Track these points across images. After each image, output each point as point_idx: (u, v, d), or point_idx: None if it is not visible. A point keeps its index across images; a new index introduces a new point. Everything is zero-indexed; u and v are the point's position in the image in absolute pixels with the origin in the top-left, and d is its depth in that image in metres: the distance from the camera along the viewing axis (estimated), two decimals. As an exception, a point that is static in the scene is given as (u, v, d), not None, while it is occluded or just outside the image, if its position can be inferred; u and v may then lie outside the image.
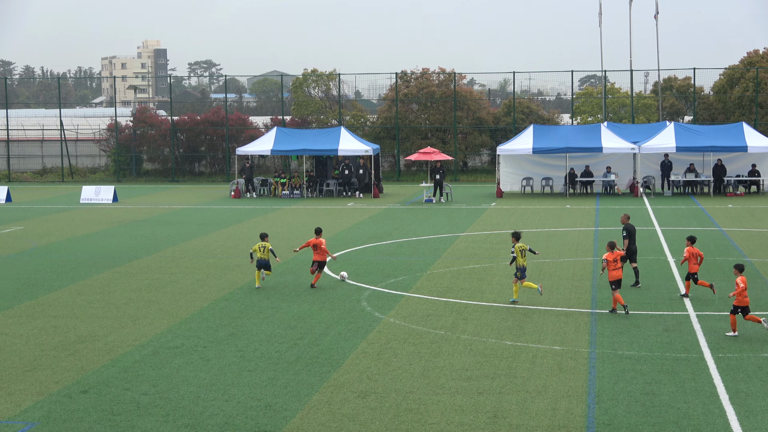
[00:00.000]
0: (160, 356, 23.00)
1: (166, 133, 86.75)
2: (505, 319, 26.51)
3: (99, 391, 20.20)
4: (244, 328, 25.90)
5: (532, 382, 20.50)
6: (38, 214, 56.94)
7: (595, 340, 24.13)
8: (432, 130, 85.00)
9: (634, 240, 31.11)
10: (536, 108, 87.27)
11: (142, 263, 37.26)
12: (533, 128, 67.23)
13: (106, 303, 29.48)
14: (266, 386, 20.40)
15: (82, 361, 22.66)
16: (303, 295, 30.30)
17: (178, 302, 29.47)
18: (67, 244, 43.23)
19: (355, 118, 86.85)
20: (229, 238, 44.37)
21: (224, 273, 34.70)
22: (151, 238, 44.50)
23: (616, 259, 27.21)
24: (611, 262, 27.09)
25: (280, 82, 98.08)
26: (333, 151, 66.65)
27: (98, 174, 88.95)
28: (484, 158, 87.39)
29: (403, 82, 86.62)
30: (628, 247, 30.70)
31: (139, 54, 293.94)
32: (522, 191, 67.48)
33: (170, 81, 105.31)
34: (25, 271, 35.68)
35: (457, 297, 29.66)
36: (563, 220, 50.33)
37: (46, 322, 26.82)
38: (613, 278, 27.09)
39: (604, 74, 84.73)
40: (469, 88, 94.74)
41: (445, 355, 22.81)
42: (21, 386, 20.59)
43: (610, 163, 66.94)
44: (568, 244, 41.07)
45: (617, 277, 27.04)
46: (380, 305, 28.59)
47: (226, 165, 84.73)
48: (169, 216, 54.72)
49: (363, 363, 22.14)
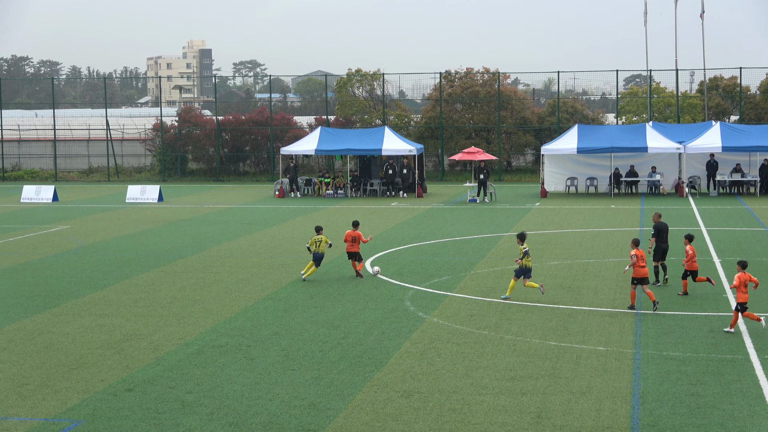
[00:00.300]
0: (204, 355, 23.11)
1: (211, 132, 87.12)
2: (549, 320, 26.43)
3: (144, 389, 20.33)
4: (288, 327, 25.97)
5: (577, 382, 20.43)
6: (84, 213, 57.34)
7: (640, 340, 24.01)
8: (476, 129, 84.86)
9: (665, 239, 31.22)
10: (581, 108, 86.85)
11: (187, 262, 37.45)
12: (578, 128, 66.94)
13: (152, 302, 29.66)
14: (310, 385, 20.45)
15: (128, 359, 22.81)
16: (347, 294, 30.34)
17: (223, 301, 29.60)
18: (113, 243, 43.52)
19: (399, 118, 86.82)
20: (274, 237, 44.51)
21: (268, 272, 34.80)
22: (196, 238, 44.71)
23: (643, 257, 27.35)
24: (640, 259, 27.21)
25: (325, 82, 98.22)
26: (377, 151, 66.65)
27: (144, 173, 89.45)
28: (528, 158, 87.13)
29: (447, 82, 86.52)
30: (657, 246, 30.89)
31: (184, 54, 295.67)
32: (566, 191, 67.25)
33: (215, 81, 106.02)
34: (72, 270, 35.96)
35: (500, 297, 29.56)
36: (608, 220, 50.09)
37: (92, 321, 27.02)
38: (639, 275, 27.24)
39: (649, 74, 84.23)
40: (513, 87, 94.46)
41: (489, 355, 22.78)
42: (67, 384, 20.75)
43: (655, 163, 66.56)
44: (612, 244, 40.87)
45: (644, 275, 27.23)
46: (424, 305, 28.58)
47: (271, 165, 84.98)
48: (214, 215, 54.95)
49: (406, 363, 22.15)
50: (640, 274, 27.29)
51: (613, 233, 44.51)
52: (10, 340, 24.88)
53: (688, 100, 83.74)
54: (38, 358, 22.96)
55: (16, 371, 21.83)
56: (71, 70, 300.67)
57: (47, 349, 23.91)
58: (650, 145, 63.65)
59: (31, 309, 28.73)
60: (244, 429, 17.89)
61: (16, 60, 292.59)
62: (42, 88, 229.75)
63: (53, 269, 36.27)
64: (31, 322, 27.01)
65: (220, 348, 23.75)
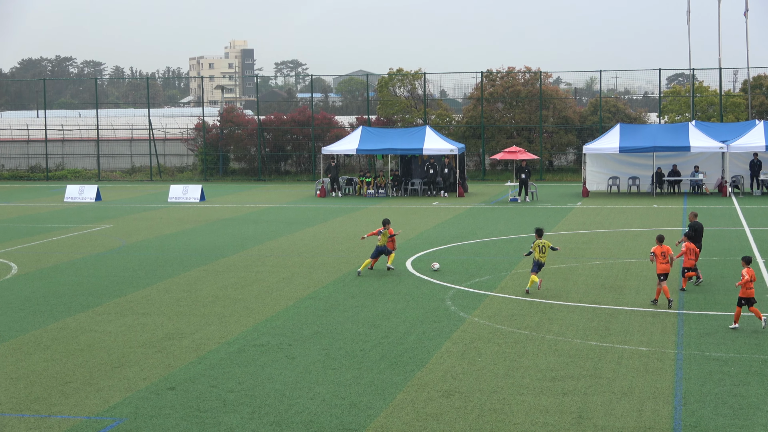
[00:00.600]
0: (245, 354, 23.18)
1: (252, 132, 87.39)
2: (591, 320, 26.32)
3: (186, 387, 20.42)
4: (328, 326, 26.02)
5: (618, 383, 20.34)
6: (127, 212, 57.69)
7: (682, 341, 23.87)
8: (517, 129, 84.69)
9: (699, 238, 31.39)
10: (623, 107, 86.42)
11: (229, 261, 37.59)
12: (620, 127, 66.60)
13: (193, 301, 29.79)
14: (351, 385, 20.47)
15: (170, 358, 22.92)
16: (387, 294, 30.36)
17: (264, 300, 29.69)
18: (155, 242, 43.75)
19: (440, 117, 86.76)
20: (315, 236, 44.60)
21: (309, 271, 34.87)
22: (238, 237, 44.87)
23: (664, 254, 27.87)
24: (659, 256, 27.80)
25: (366, 81, 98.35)
26: (418, 150, 66.62)
27: (186, 173, 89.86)
28: (570, 157, 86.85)
29: (488, 81, 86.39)
30: None
31: (226, 54, 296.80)
32: (608, 190, 66.99)
33: (257, 81, 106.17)
34: (114, 269, 36.18)
35: (542, 297, 29.50)
36: (650, 219, 49.83)
37: (134, 320, 27.18)
38: (661, 270, 27.78)
39: (692, 72, 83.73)
40: (555, 86, 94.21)
41: (530, 355, 22.72)
42: (109, 382, 20.88)
43: (698, 163, 66.15)
44: (654, 244, 40.52)
45: (665, 270, 27.74)
46: (465, 304, 28.55)
47: (312, 164, 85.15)
48: (256, 215, 55.13)
49: (447, 362, 22.13)
50: (662, 270, 27.78)
51: (655, 233, 44.10)
52: (54, 338, 25.08)
53: (731, 99, 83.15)
54: (81, 357, 23.12)
55: (59, 369, 21.99)
56: (114, 70, 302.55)
57: (90, 347, 24.07)
58: (693, 145, 63.25)
59: (74, 308, 28.93)
60: (284, 428, 17.94)
61: (60, 60, 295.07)
62: (85, 89, 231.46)
63: (96, 268, 36.51)
64: (74, 320, 27.20)
65: (261, 347, 23.82)
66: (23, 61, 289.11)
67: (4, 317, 27.69)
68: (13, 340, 24.95)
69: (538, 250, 29.92)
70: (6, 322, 26.98)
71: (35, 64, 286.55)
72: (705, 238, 38.38)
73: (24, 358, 23.10)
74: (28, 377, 21.36)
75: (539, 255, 29.90)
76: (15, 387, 20.61)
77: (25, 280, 33.89)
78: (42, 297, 30.65)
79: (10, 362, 22.69)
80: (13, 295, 31.00)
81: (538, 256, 29.90)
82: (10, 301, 30.11)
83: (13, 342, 24.71)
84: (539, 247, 29.98)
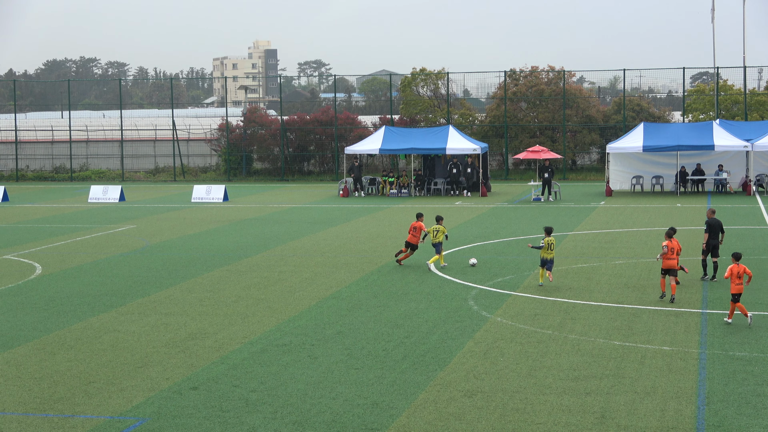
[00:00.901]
0: (268, 354, 23.22)
1: (276, 132, 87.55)
2: (614, 319, 26.26)
3: (208, 387, 20.47)
4: (351, 326, 26.03)
5: (641, 382, 20.28)
6: (151, 212, 57.86)
7: (706, 340, 23.78)
8: (541, 128, 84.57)
9: (716, 235, 31.46)
10: (647, 106, 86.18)
11: (252, 261, 37.66)
12: (644, 126, 66.42)
13: (216, 300, 29.86)
14: (373, 384, 20.48)
15: (193, 357, 22.98)
16: (410, 293, 30.35)
17: (287, 300, 29.73)
18: (179, 242, 43.87)
19: (463, 117, 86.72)
20: (338, 236, 44.63)
21: (332, 271, 34.91)
22: (261, 237, 44.95)
23: (673, 249, 28.23)
24: (669, 250, 28.18)
25: (389, 81, 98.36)
26: (441, 150, 66.62)
27: (209, 173, 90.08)
28: (594, 156, 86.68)
29: (512, 81, 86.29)
30: (707, 241, 31.35)
31: (249, 54, 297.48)
32: (632, 190, 66.83)
33: (280, 81, 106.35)
34: (138, 269, 36.30)
35: (564, 296, 29.45)
36: (674, 218, 49.66)
37: (157, 320, 27.26)
38: (666, 266, 28.08)
39: (716, 71, 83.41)
40: (578, 86, 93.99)
41: (553, 354, 22.67)
42: (133, 382, 20.95)
43: (722, 161, 65.92)
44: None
45: (671, 266, 27.97)
46: (487, 304, 28.52)
47: (335, 164, 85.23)
48: (279, 215, 55.21)
49: (470, 362, 22.11)
50: (667, 266, 28.02)
51: (679, 232, 44.01)
52: (78, 338, 25.18)
53: (756, 98, 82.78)
54: (104, 357, 23.21)
55: (82, 369, 22.08)
56: (138, 71, 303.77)
57: (113, 347, 24.16)
58: (717, 143, 63.00)
59: (97, 308, 29.04)
60: (307, 428, 17.96)
61: (84, 61, 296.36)
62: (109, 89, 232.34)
63: (120, 268, 36.63)
64: (97, 320, 27.31)
65: (283, 347, 23.86)
66: (48, 62, 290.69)
67: (29, 317, 27.82)
68: (37, 340, 25.06)
69: (548, 248, 30.65)
70: (30, 322, 27.11)
71: (60, 65, 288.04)
72: (729, 237, 38.24)
73: (48, 358, 23.21)
74: (52, 377, 21.46)
75: (548, 253, 30.63)
76: (39, 387, 20.71)
77: (49, 281, 34.04)
78: (66, 297, 30.78)
79: (34, 362, 22.79)
80: (37, 296, 31.15)
81: (546, 253, 30.63)
82: (34, 301, 30.24)
83: (37, 342, 24.82)
84: (548, 244, 30.67)
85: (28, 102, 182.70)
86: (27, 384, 20.92)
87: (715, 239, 31.34)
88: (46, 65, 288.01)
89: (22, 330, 26.21)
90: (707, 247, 31.39)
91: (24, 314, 28.26)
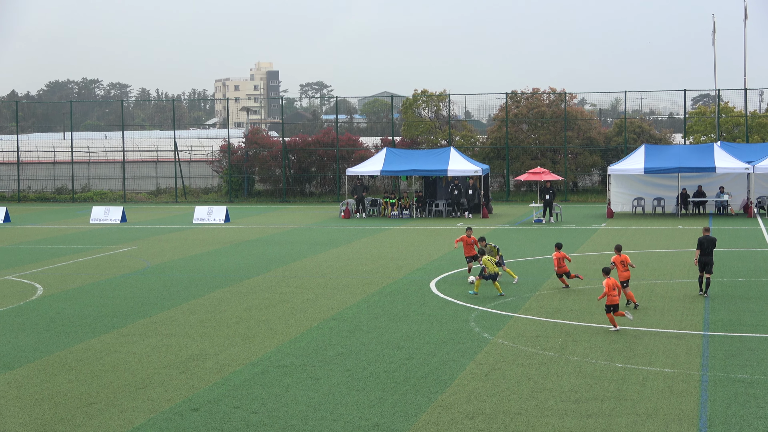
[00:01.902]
0: (269, 375, 23.20)
1: (277, 154, 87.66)
2: (615, 341, 26.24)
3: (209, 409, 20.45)
4: (352, 347, 26.01)
5: (643, 404, 20.25)
6: (152, 233, 57.89)
7: (707, 362, 23.75)
8: (542, 150, 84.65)
9: (708, 252, 32.58)
10: (648, 128, 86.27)
11: (253, 283, 37.66)
12: (645, 148, 66.50)
13: (218, 322, 29.85)
14: (374, 406, 20.45)
15: (194, 379, 22.96)
16: (411, 315, 30.34)
17: (288, 321, 29.71)
18: (180, 263, 43.88)
19: (464, 139, 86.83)
20: (339, 258, 44.64)
21: (334, 293, 34.90)
22: (262, 258, 44.96)
23: (623, 262, 30.42)
24: (618, 264, 30.29)
25: (391, 102, 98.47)
26: (442, 172, 66.70)
27: (211, 194, 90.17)
28: (595, 178, 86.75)
29: (513, 102, 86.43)
30: (699, 258, 32.56)
31: (251, 76, 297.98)
32: (633, 211, 66.84)
33: (282, 102, 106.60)
34: (139, 290, 36.30)
35: (566, 318, 29.44)
36: (675, 240, 49.68)
37: (158, 341, 27.25)
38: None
39: (717, 93, 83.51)
40: (579, 107, 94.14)
41: (554, 376, 22.65)
42: (134, 404, 20.93)
43: (724, 183, 65.99)
44: (679, 265, 40.52)
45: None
46: (489, 326, 28.51)
47: (336, 185, 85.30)
48: (280, 236, 55.23)
49: (471, 384, 22.09)
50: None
51: (680, 254, 44.12)
52: (78, 359, 25.16)
53: (757, 120, 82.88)
54: (105, 378, 23.19)
55: (83, 390, 22.06)
56: (140, 92, 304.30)
57: (114, 368, 24.14)
58: (718, 165, 63.06)
59: (98, 329, 29.03)
60: (308, 449, 17.93)
61: (86, 82, 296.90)
62: (111, 110, 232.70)
63: (121, 289, 36.64)
64: (98, 341, 27.30)
65: (284, 368, 23.84)
66: (50, 83, 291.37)
67: (30, 338, 27.81)
68: (38, 361, 25.06)
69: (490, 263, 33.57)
70: (31, 343, 27.10)
71: (62, 86, 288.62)
72: (730, 259, 38.18)
73: (49, 379, 23.19)
74: (53, 398, 21.44)
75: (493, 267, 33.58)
76: (40, 408, 20.69)
77: (50, 301, 34.04)
78: (67, 318, 30.78)
79: (35, 383, 22.78)
80: (38, 316, 31.15)
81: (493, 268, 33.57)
82: (35, 322, 30.24)
83: (38, 363, 24.82)
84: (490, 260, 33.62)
85: (30, 123, 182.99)
86: (28, 405, 20.90)
87: (707, 256, 32.31)
88: (48, 86, 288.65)
89: (23, 351, 26.21)
90: (699, 264, 32.44)
91: (25, 335, 28.26)
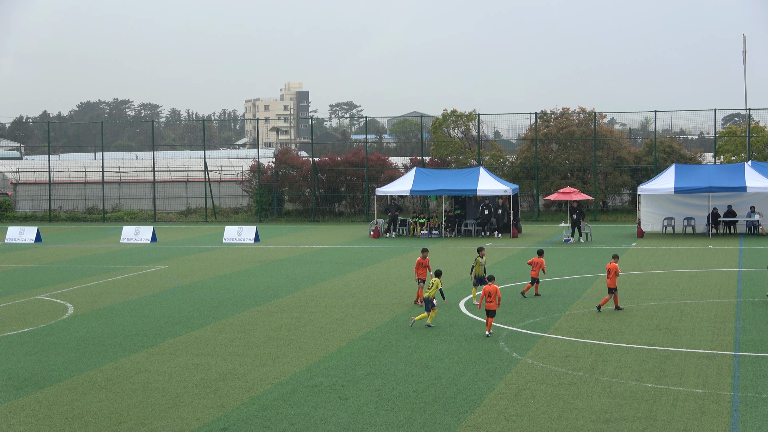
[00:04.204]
0: (298, 395, 23.20)
1: (307, 173, 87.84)
2: (645, 361, 26.11)
3: (239, 428, 20.46)
4: (381, 367, 25.99)
5: (673, 425, 20.14)
6: (182, 253, 58.06)
7: (739, 383, 23.61)
8: (572, 169, 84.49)
9: None
10: (678, 147, 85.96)
11: (283, 302, 37.71)
12: (675, 167, 66.30)
13: (247, 341, 29.89)
14: (403, 426, 20.42)
15: (223, 398, 22.99)
16: (441, 335, 30.30)
17: (317, 341, 29.72)
18: (210, 283, 43.99)
19: (494, 158, 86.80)
20: (368, 277, 44.65)
21: (363, 312, 34.90)
22: (292, 278, 45.02)
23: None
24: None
25: (420, 122, 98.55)
26: (472, 191, 66.68)
27: (241, 214, 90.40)
28: (625, 198, 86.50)
29: (542, 122, 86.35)
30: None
31: (281, 96, 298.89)
32: (663, 231, 66.58)
33: (312, 123, 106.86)
34: (169, 310, 36.41)
35: (596, 338, 29.34)
36: (705, 260, 49.45)
37: (188, 360, 27.31)
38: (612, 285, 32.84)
39: (748, 112, 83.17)
40: (609, 127, 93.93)
41: (584, 396, 22.56)
42: (163, 423, 20.97)
43: (755, 203, 65.66)
44: (710, 285, 40.31)
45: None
46: (518, 346, 28.43)
47: (366, 205, 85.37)
48: (309, 255, 55.29)
49: (500, 404, 22.02)
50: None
51: (711, 274, 43.90)
52: (108, 378, 25.25)
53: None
54: (135, 397, 23.25)
55: (113, 409, 22.12)
56: (171, 112, 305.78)
57: (144, 387, 24.21)
58: (749, 185, 62.78)
59: (128, 348, 29.13)
60: (337, 469, 17.91)
61: (117, 103, 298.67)
62: (142, 131, 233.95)
63: (151, 309, 36.76)
64: (128, 360, 27.39)
65: (314, 388, 23.84)
66: (82, 104, 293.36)
67: (60, 357, 27.94)
68: (68, 380, 25.16)
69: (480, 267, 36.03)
70: (62, 362, 27.22)
71: (93, 107, 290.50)
72: (761, 279, 38.00)
73: (79, 398, 23.28)
74: (83, 417, 21.52)
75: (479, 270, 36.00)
76: (70, 427, 20.76)
77: (80, 321, 34.19)
78: (97, 337, 30.90)
79: (65, 402, 22.87)
80: (69, 336, 31.29)
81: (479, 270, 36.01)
82: (66, 341, 30.38)
83: (68, 382, 24.92)
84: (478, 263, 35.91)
85: (61, 143, 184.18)
86: (58, 424, 20.98)
87: None
88: (79, 107, 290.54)
89: (53, 370, 26.33)
90: None
91: (56, 354, 28.39)
